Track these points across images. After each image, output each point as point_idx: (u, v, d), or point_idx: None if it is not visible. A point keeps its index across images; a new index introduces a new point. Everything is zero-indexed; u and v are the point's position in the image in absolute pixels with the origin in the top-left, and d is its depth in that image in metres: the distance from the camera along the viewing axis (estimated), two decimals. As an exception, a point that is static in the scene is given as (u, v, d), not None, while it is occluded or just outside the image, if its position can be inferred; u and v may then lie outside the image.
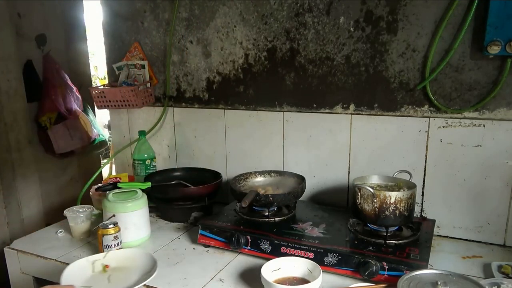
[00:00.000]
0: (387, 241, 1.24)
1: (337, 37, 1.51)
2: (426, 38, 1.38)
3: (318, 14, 1.52)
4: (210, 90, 1.82)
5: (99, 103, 1.92)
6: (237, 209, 1.51)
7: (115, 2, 1.92)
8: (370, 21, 1.45)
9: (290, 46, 1.60)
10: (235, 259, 1.33)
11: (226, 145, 1.82)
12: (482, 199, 1.39)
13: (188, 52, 1.82)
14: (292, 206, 1.52)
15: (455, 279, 1.01)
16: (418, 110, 1.44)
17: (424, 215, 1.49)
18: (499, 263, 1.23)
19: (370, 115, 1.52)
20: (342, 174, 1.60)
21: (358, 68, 1.50)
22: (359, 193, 1.30)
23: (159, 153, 1.98)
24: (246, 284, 1.18)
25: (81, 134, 2.49)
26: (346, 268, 1.18)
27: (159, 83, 1.94)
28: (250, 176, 1.65)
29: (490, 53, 1.25)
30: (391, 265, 1.12)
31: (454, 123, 1.39)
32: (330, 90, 1.57)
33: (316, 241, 1.26)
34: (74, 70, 2.58)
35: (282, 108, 1.68)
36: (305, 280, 1.14)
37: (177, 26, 1.81)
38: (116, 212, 1.40)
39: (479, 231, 1.41)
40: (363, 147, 1.54)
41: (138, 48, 1.93)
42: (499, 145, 1.33)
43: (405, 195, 1.25)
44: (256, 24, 1.65)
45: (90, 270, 1.14)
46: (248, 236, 1.32)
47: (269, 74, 1.67)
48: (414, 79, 1.43)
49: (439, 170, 1.43)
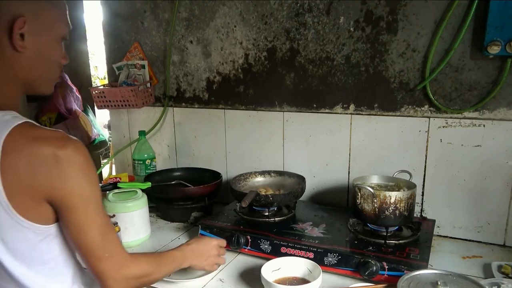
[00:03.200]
0: (387, 241, 1.24)
1: (337, 37, 1.51)
2: (426, 38, 1.38)
3: (318, 14, 1.52)
4: (210, 90, 1.82)
5: (99, 103, 1.92)
6: (237, 209, 1.51)
7: (115, 2, 1.92)
8: (370, 21, 1.45)
9: (290, 46, 1.60)
10: (235, 259, 1.33)
11: (226, 145, 1.82)
12: (482, 199, 1.39)
13: (188, 52, 1.82)
14: (292, 206, 1.52)
15: (455, 279, 1.01)
16: (418, 110, 1.44)
17: (424, 215, 1.49)
18: (499, 263, 1.23)
19: (370, 115, 1.52)
20: (342, 174, 1.60)
21: (358, 68, 1.50)
22: (359, 193, 1.30)
23: (159, 153, 1.98)
24: (246, 284, 1.18)
25: (81, 134, 2.49)
26: (346, 268, 1.18)
27: (159, 83, 1.94)
28: (250, 176, 1.65)
29: (490, 53, 1.25)
30: (391, 265, 1.13)
31: (454, 123, 1.39)
32: (330, 90, 1.57)
33: (316, 241, 1.26)
34: (74, 70, 2.58)
35: (282, 108, 1.68)
36: (305, 280, 1.14)
37: (177, 26, 1.81)
38: (116, 212, 1.40)
39: (479, 231, 1.41)
40: (363, 147, 1.54)
41: (138, 48, 1.93)
42: (499, 145, 1.33)
43: (405, 195, 1.25)
44: (256, 24, 1.65)
45: None
46: (248, 236, 1.32)
47: (269, 74, 1.67)
48: (414, 79, 1.43)
49: (439, 170, 1.43)
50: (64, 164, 0.78)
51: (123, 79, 1.96)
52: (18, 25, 0.80)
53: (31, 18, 0.82)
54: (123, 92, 1.84)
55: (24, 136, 0.77)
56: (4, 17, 0.80)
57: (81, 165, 0.80)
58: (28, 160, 0.76)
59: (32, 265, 0.83)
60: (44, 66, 0.88)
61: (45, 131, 0.80)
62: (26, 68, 0.85)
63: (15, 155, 0.75)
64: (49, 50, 0.88)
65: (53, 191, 0.78)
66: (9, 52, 0.82)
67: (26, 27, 0.81)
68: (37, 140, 0.77)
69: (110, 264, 0.85)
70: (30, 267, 0.82)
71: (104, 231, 0.86)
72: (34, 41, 0.83)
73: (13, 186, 0.75)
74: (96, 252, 0.84)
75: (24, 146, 0.76)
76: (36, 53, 0.85)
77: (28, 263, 0.82)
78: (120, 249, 0.89)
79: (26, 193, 0.77)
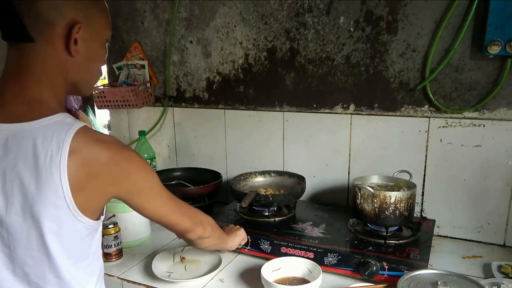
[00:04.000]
0: (387, 241, 1.24)
1: (337, 37, 1.51)
2: (426, 38, 1.38)
3: (318, 14, 1.52)
4: (210, 90, 1.82)
5: (99, 103, 1.93)
6: (237, 209, 1.51)
7: (115, 2, 1.92)
8: (370, 21, 1.45)
9: (290, 46, 1.60)
10: (235, 259, 1.33)
11: (226, 145, 1.82)
12: (482, 199, 1.39)
13: (188, 52, 1.82)
14: (292, 206, 1.52)
15: (455, 279, 1.01)
16: (418, 110, 1.44)
17: (424, 215, 1.49)
18: (499, 263, 1.23)
19: (370, 115, 1.52)
20: (342, 174, 1.60)
21: (358, 68, 1.50)
22: (359, 193, 1.30)
23: (159, 153, 1.98)
24: (246, 284, 1.18)
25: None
26: (346, 268, 1.18)
27: (159, 83, 1.94)
28: (250, 176, 1.65)
29: (490, 53, 1.25)
30: (391, 265, 1.13)
31: (454, 123, 1.39)
32: (330, 90, 1.57)
33: (316, 241, 1.26)
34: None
35: (282, 108, 1.68)
36: (305, 280, 1.14)
37: (177, 26, 1.81)
38: (116, 212, 1.40)
39: (479, 231, 1.41)
40: (363, 147, 1.54)
41: (138, 48, 1.93)
42: (499, 145, 1.33)
43: (405, 195, 1.25)
44: (256, 24, 1.65)
45: (171, 259, 1.33)
46: (248, 236, 1.32)
47: (269, 74, 1.67)
48: (414, 79, 1.43)
49: (439, 170, 1.43)
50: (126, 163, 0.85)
51: (123, 79, 1.96)
52: (75, 31, 0.82)
53: (85, 23, 0.84)
54: (123, 92, 1.84)
55: (87, 138, 0.81)
56: (62, 22, 0.82)
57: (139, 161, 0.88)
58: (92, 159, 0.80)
59: (77, 261, 0.85)
60: (91, 69, 0.92)
61: (102, 135, 0.85)
62: (76, 71, 0.88)
63: (80, 154, 0.79)
64: (97, 54, 0.91)
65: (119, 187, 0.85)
66: (64, 56, 0.85)
67: (81, 32, 0.83)
68: (100, 143, 0.82)
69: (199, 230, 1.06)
70: (75, 263, 0.85)
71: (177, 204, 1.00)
72: (86, 45, 0.86)
73: (76, 182, 0.78)
74: (186, 225, 1.02)
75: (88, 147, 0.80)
76: (86, 57, 0.88)
77: (74, 259, 0.85)
78: (201, 214, 1.09)
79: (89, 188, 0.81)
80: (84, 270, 0.87)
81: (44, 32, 0.82)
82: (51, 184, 0.76)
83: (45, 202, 0.77)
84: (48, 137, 0.78)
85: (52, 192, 0.77)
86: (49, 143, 0.77)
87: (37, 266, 0.82)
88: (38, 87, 0.84)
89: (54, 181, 0.76)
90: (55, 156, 0.76)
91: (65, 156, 0.77)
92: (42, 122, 0.80)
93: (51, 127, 0.79)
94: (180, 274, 1.24)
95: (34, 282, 0.82)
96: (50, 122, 0.80)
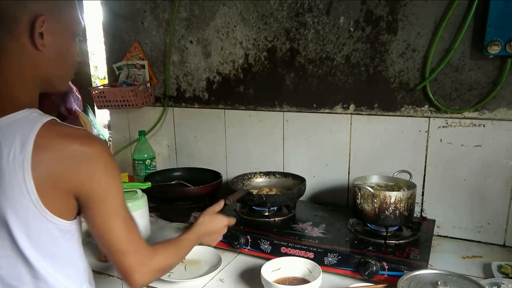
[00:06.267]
0: (387, 241, 1.25)
1: (337, 37, 1.51)
2: (426, 38, 1.38)
3: (318, 14, 1.52)
4: (210, 90, 1.82)
5: (99, 103, 1.92)
6: (237, 209, 1.51)
7: (115, 2, 1.92)
8: (370, 21, 1.45)
9: (290, 46, 1.60)
10: (235, 259, 1.33)
11: (226, 145, 1.82)
12: (482, 199, 1.39)
13: (188, 52, 1.82)
14: (292, 206, 1.52)
15: (455, 279, 1.01)
16: (418, 110, 1.44)
17: (424, 215, 1.49)
18: (499, 263, 1.23)
19: (370, 115, 1.52)
20: (342, 174, 1.60)
21: (358, 68, 1.50)
22: (359, 193, 1.30)
23: (159, 153, 1.98)
24: (246, 284, 1.18)
25: (81, 134, 2.49)
26: (346, 268, 1.18)
27: (159, 83, 1.94)
28: (250, 176, 1.65)
29: (490, 53, 1.25)
30: (391, 265, 1.12)
31: (454, 123, 1.39)
32: (330, 90, 1.57)
33: (316, 241, 1.26)
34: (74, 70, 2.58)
35: (282, 108, 1.68)
36: (305, 280, 1.14)
37: (177, 26, 1.81)
38: (116, 212, 1.40)
39: (479, 231, 1.41)
40: (363, 147, 1.54)
41: (138, 48, 1.93)
42: (499, 145, 1.33)
43: (405, 195, 1.25)
44: (256, 24, 1.65)
45: None
46: (248, 236, 1.32)
47: (269, 74, 1.67)
48: (414, 79, 1.43)
49: (439, 170, 1.43)
50: (91, 160, 0.81)
51: (123, 79, 1.96)
52: (38, 24, 0.82)
53: (50, 17, 0.84)
54: (123, 92, 1.84)
55: (53, 133, 0.79)
56: (25, 17, 0.81)
57: (106, 160, 0.84)
58: (57, 155, 0.78)
59: (56, 262, 0.84)
60: (62, 63, 0.91)
61: (71, 129, 0.82)
62: (46, 66, 0.87)
63: (45, 150, 0.77)
64: (66, 48, 0.90)
65: (81, 185, 0.81)
66: (30, 51, 0.84)
67: (45, 26, 0.83)
68: (66, 137, 0.80)
69: (136, 258, 0.87)
70: (54, 264, 0.84)
71: (129, 224, 0.88)
72: (53, 39, 0.85)
73: (42, 180, 0.77)
74: (122, 245, 0.86)
75: (54, 142, 0.78)
76: (55, 51, 0.87)
77: (50, 259, 0.83)
78: (143, 243, 0.91)
79: (54, 187, 0.79)
80: (65, 272, 0.86)
81: (9, 28, 0.81)
82: (15, 184, 0.76)
83: (11, 202, 0.77)
84: (12, 135, 0.77)
85: (16, 192, 0.76)
86: (13, 141, 0.77)
87: (11, 267, 0.81)
88: (5, 83, 0.83)
89: (18, 180, 0.75)
90: (19, 155, 0.76)
91: (29, 153, 0.76)
92: (6, 119, 0.79)
93: (15, 124, 0.79)
94: (180, 274, 1.24)
95: (9, 284, 0.82)
96: (14, 119, 0.79)
